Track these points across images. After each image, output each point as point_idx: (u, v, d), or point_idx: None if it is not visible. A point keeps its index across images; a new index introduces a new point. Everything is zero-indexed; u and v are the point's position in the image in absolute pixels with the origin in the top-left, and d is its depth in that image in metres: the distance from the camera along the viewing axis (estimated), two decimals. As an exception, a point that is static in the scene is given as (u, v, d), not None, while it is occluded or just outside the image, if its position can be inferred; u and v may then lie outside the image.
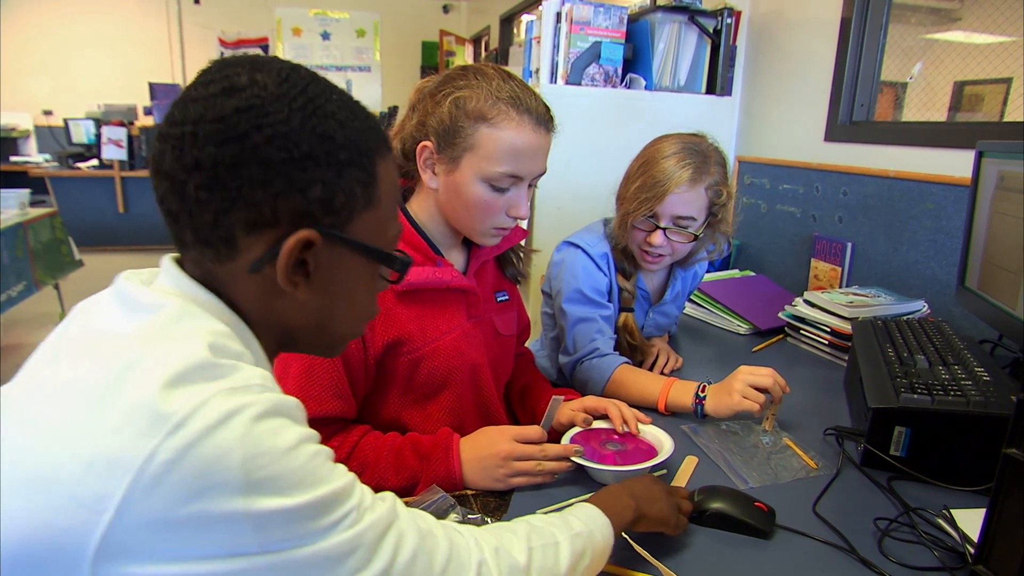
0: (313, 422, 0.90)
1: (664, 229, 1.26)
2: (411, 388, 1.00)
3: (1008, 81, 1.70)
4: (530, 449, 0.91)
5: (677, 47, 2.14)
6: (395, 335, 0.95)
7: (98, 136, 5.66)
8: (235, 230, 0.52)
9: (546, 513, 0.84)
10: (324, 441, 0.92)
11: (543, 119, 0.95)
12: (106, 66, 6.66)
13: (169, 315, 0.50)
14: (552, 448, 0.93)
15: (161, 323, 0.50)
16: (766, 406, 1.07)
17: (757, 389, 1.06)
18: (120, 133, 5.62)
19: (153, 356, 0.46)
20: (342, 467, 0.52)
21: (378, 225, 0.58)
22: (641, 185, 1.25)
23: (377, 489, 0.88)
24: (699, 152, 1.25)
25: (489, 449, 0.92)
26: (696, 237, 1.29)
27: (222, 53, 7.06)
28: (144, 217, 5.90)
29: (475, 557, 0.56)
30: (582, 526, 0.67)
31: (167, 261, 0.56)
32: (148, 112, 6.68)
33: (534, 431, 0.94)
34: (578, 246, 1.33)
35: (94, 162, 5.76)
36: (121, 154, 5.64)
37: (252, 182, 0.50)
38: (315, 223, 0.53)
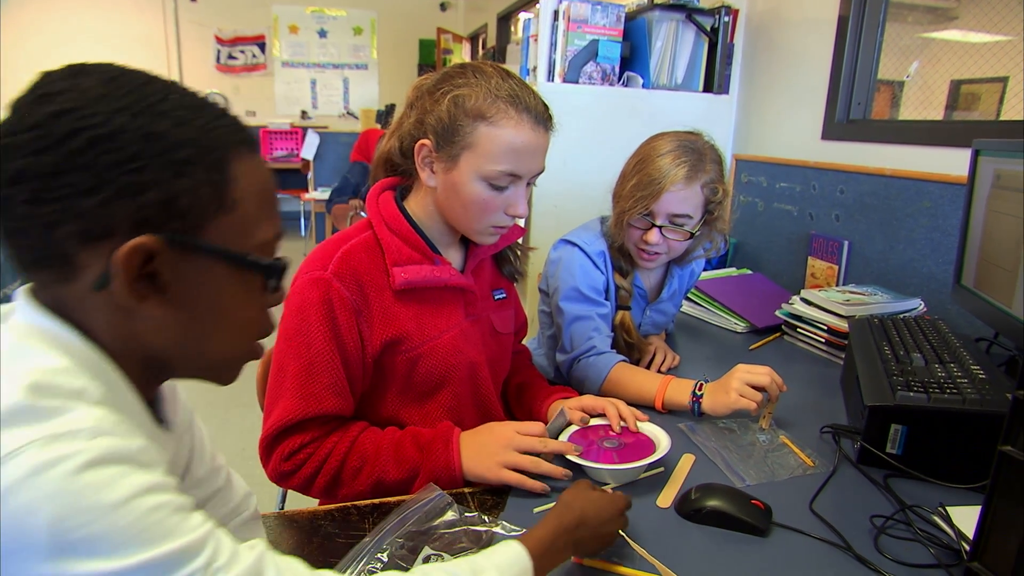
0: (312, 420, 0.90)
1: (660, 227, 1.26)
2: (410, 386, 1.00)
3: (1004, 80, 1.70)
4: (531, 441, 0.92)
5: (674, 45, 2.14)
6: (393, 333, 0.95)
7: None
8: (69, 245, 0.47)
9: (537, 511, 0.85)
10: (323, 438, 0.91)
11: (542, 118, 0.95)
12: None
13: (3, 352, 0.46)
14: (552, 443, 0.94)
15: None
16: (763, 404, 1.07)
17: (754, 387, 1.06)
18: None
19: None
20: (196, 518, 0.46)
21: (240, 229, 0.52)
22: (637, 183, 1.25)
23: (378, 482, 0.89)
24: (695, 150, 1.25)
25: (489, 435, 0.93)
26: (692, 235, 1.29)
27: (219, 51, 7.05)
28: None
29: None
30: (493, 572, 0.61)
31: (20, 293, 0.52)
32: (144, 110, 6.66)
33: (536, 426, 0.94)
34: (575, 244, 1.33)
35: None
36: (117, 152, 5.62)
37: (77, 191, 0.45)
38: (156, 229, 0.48)
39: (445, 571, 0.60)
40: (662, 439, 0.97)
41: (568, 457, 0.92)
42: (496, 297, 1.14)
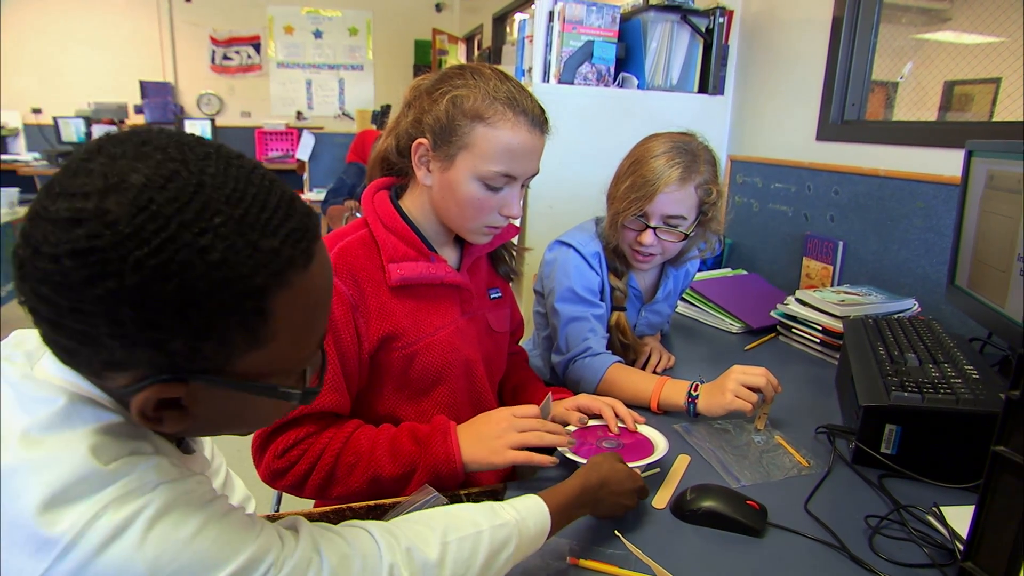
0: (307, 417, 0.89)
1: (654, 228, 1.26)
2: (406, 383, 1.00)
3: (997, 81, 1.71)
4: (530, 420, 0.92)
5: (669, 46, 2.14)
6: (389, 329, 0.95)
7: (88, 135, 5.63)
8: (92, 362, 0.46)
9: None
10: (318, 434, 0.90)
11: (538, 121, 0.96)
12: (96, 64, 6.61)
13: (53, 415, 0.47)
14: (549, 423, 0.94)
15: (45, 423, 0.46)
16: (758, 405, 1.07)
17: (750, 388, 1.06)
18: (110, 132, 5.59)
19: (30, 466, 0.44)
20: (257, 522, 0.52)
21: (274, 359, 0.49)
22: (631, 184, 1.25)
23: (374, 479, 0.89)
24: (688, 151, 1.25)
25: (486, 423, 0.93)
26: (687, 236, 1.29)
27: (214, 52, 7.03)
28: (135, 216, 5.86)
29: (385, 563, 0.57)
30: (512, 515, 0.68)
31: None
32: (139, 111, 6.64)
33: (531, 408, 0.94)
34: (570, 245, 1.33)
35: (84, 161, 5.72)
36: (111, 153, 5.60)
37: (97, 330, 0.43)
38: (177, 372, 0.46)
39: (470, 511, 0.67)
40: (659, 441, 0.98)
41: (569, 456, 0.92)
42: (492, 296, 1.14)
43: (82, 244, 0.41)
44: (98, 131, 5.56)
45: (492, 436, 0.90)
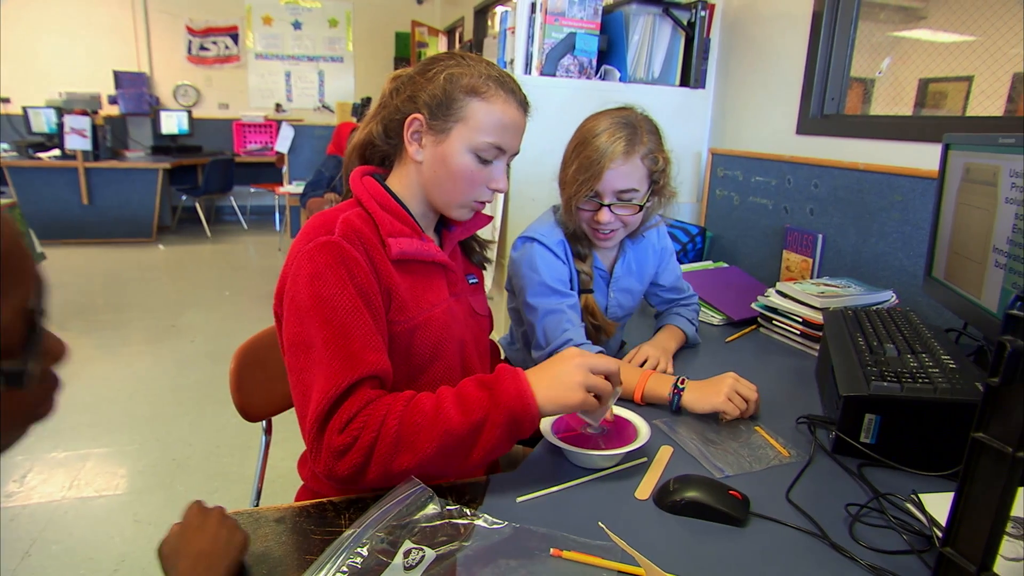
0: (359, 384, 0.84)
1: (609, 206, 1.27)
2: (407, 358, 0.99)
3: (970, 79, 1.73)
4: (601, 363, 0.87)
5: (651, 39, 2.14)
6: (397, 300, 0.95)
7: (60, 125, 5.50)
8: None
9: (520, 500, 0.84)
10: (377, 401, 0.84)
11: (524, 102, 1.03)
12: (67, 53, 6.46)
13: None
14: (615, 368, 0.89)
15: None
16: (745, 414, 1.09)
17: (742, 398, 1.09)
18: (83, 122, 5.48)
19: None
20: None
21: None
22: (578, 167, 1.26)
23: (445, 435, 0.82)
24: (629, 124, 1.26)
25: (559, 362, 0.88)
26: (642, 208, 1.30)
27: (190, 42, 6.91)
28: (109, 209, 5.76)
29: None
30: None
31: None
32: (113, 101, 6.51)
33: (600, 355, 0.91)
34: (534, 239, 1.33)
35: (56, 152, 5.60)
36: (85, 144, 5.49)
37: None
38: None
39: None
40: (642, 426, 0.99)
41: (553, 441, 0.94)
42: (470, 281, 1.17)
43: None
44: (70, 122, 5.43)
45: (566, 373, 0.85)
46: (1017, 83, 1.60)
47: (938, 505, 0.80)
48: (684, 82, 2.22)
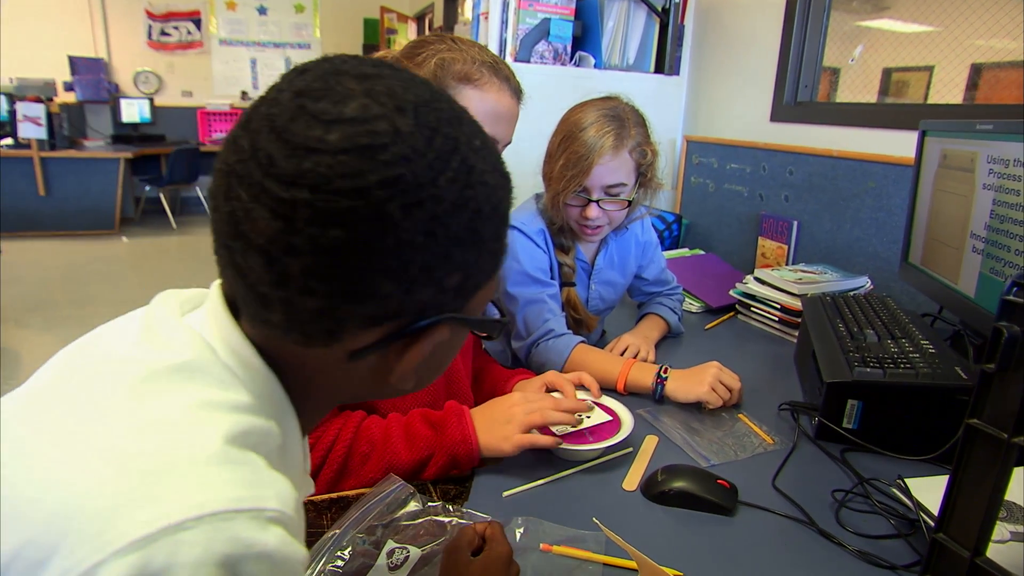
0: None
1: (597, 201, 1.25)
2: None
3: (931, 69, 1.76)
4: (541, 400, 0.91)
5: (626, 25, 2.12)
6: None
7: (12, 113, 5.28)
8: (348, 323, 0.40)
9: (506, 495, 0.82)
10: (325, 424, 0.84)
11: (517, 89, 0.98)
12: (18, 36, 6.19)
13: (180, 373, 0.40)
14: (565, 402, 0.94)
15: (162, 388, 0.39)
16: (728, 404, 1.09)
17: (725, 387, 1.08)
18: (38, 110, 5.27)
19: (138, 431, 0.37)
20: None
21: (490, 292, 0.47)
22: (565, 163, 1.24)
23: (389, 467, 0.84)
24: (616, 117, 1.24)
25: (499, 406, 0.91)
26: (630, 202, 1.28)
27: (150, 27, 6.68)
28: (68, 200, 5.56)
29: None
30: None
31: (217, 298, 0.44)
32: (69, 88, 6.28)
33: (538, 383, 0.97)
34: (514, 227, 1.30)
35: (8, 141, 5.38)
36: (40, 132, 5.29)
37: (385, 274, 0.38)
38: (440, 310, 0.42)
39: None
40: (625, 416, 0.98)
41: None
42: None
43: (389, 173, 0.36)
44: (23, 109, 5.22)
45: (503, 420, 0.89)
46: (974, 73, 1.63)
47: (924, 489, 0.80)
48: (659, 69, 2.21)
